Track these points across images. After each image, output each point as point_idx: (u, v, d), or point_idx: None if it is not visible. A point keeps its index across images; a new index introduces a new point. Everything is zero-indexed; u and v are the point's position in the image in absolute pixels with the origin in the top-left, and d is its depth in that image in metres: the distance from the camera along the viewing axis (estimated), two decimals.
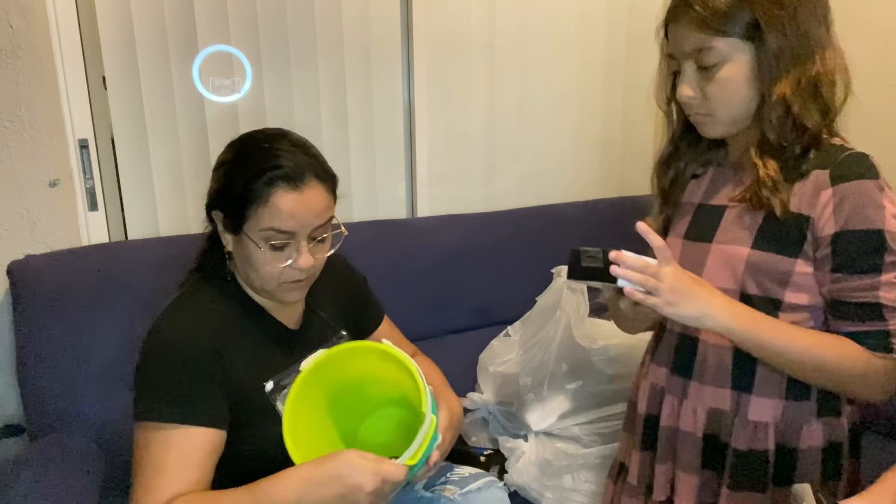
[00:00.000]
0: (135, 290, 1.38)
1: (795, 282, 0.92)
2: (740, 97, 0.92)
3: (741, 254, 0.94)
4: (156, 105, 1.57)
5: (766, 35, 0.87)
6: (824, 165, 0.89)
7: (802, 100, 0.89)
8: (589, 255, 0.89)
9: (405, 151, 1.90)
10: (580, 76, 2.08)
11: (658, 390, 1.06)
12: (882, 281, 0.86)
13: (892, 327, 0.87)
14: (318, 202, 0.96)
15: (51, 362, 1.33)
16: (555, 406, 1.57)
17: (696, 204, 1.04)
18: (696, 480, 1.01)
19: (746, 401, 0.96)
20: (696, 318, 0.87)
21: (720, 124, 0.95)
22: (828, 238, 0.88)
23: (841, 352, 0.89)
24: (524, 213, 1.96)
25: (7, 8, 1.33)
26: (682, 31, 0.91)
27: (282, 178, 0.93)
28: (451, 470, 1.20)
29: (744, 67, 0.90)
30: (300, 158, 0.97)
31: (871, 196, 0.86)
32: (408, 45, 1.83)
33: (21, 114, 1.38)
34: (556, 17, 1.99)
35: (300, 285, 1.01)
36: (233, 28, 1.61)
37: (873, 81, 1.85)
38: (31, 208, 1.43)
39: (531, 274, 1.80)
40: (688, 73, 0.93)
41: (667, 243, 1.03)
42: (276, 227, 0.94)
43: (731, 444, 0.97)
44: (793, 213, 0.90)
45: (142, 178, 1.58)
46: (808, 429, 0.95)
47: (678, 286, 0.85)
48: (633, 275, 0.84)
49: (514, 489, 1.45)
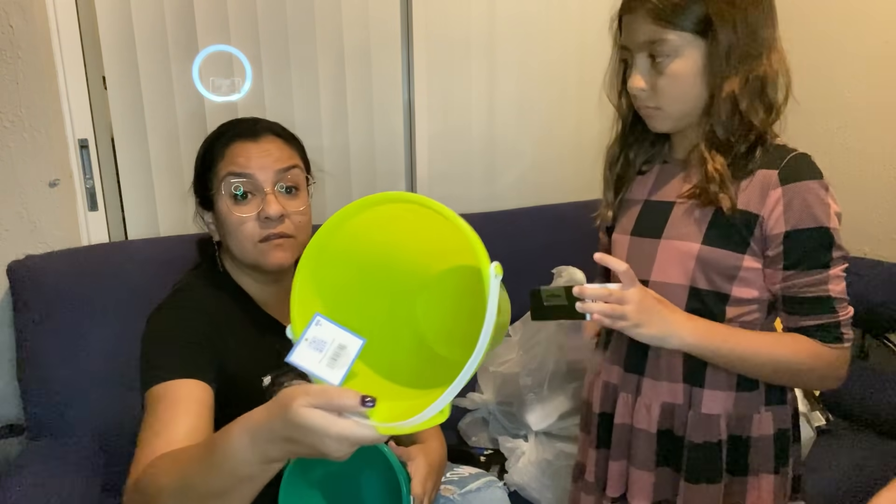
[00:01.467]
0: (135, 290, 1.38)
1: (743, 277, 0.95)
2: (690, 92, 0.93)
3: (691, 249, 0.96)
4: (156, 105, 1.57)
5: (717, 31, 0.89)
6: (771, 165, 0.92)
7: (750, 98, 0.91)
8: (551, 294, 0.91)
9: (405, 151, 1.90)
10: (580, 76, 2.08)
11: (611, 388, 1.07)
12: (831, 275, 0.91)
13: (841, 318, 0.92)
14: (274, 150, 0.98)
15: (51, 362, 1.33)
16: (555, 406, 1.57)
17: (642, 200, 1.05)
18: (650, 477, 1.02)
19: (699, 394, 0.98)
20: (660, 338, 0.90)
21: (669, 118, 0.97)
22: (779, 237, 0.91)
23: (795, 349, 0.93)
24: (524, 213, 1.96)
25: (7, 8, 1.34)
26: (637, 22, 0.93)
27: (237, 135, 0.98)
28: (451, 470, 1.20)
29: (695, 62, 0.91)
30: (257, 122, 1.01)
31: (818, 195, 0.90)
32: (408, 45, 1.83)
33: (21, 114, 1.38)
34: (555, 17, 1.99)
35: (281, 245, 0.97)
36: (233, 28, 1.61)
37: (813, 83, 1.89)
38: (31, 208, 1.43)
39: (531, 274, 1.79)
40: (640, 64, 0.94)
41: (614, 240, 1.08)
42: (233, 170, 0.95)
43: (686, 437, 0.99)
44: (740, 210, 0.92)
45: (142, 178, 1.58)
46: (758, 418, 0.99)
47: (644, 307, 0.88)
48: (599, 307, 0.87)
49: (514, 489, 1.45)
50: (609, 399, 1.07)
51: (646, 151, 1.06)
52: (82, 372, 1.34)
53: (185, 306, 0.96)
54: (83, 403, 1.34)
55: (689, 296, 0.97)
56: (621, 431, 1.04)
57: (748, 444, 0.99)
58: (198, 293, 0.99)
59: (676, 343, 0.91)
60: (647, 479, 1.02)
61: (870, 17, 1.81)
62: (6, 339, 1.42)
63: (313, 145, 1.75)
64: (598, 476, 1.10)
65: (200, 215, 1.04)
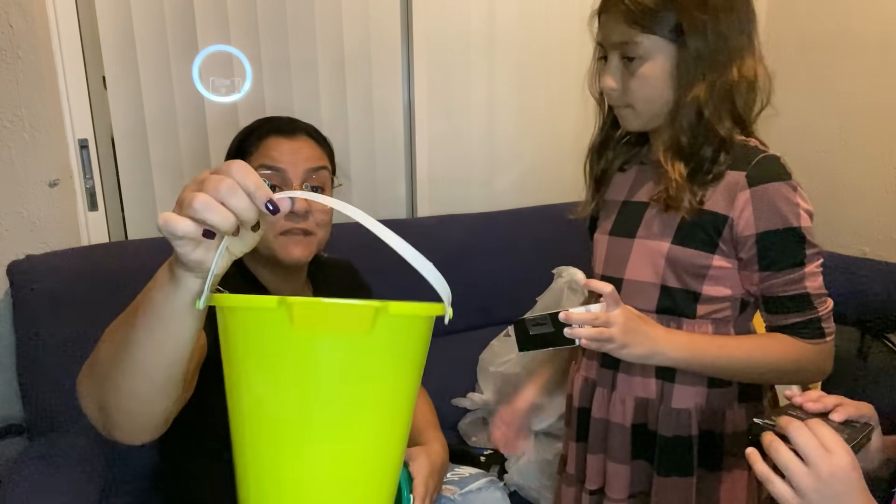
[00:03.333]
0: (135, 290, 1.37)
1: (713, 275, 0.96)
2: (659, 95, 0.94)
3: (661, 249, 0.97)
4: (156, 105, 1.57)
5: (688, 38, 0.90)
6: (738, 167, 0.93)
7: (715, 105, 0.91)
8: (536, 324, 0.91)
9: (405, 151, 1.90)
10: (580, 76, 2.08)
11: (590, 383, 1.09)
12: (807, 272, 0.92)
13: (821, 313, 0.94)
14: (308, 150, 1.01)
15: (51, 362, 1.33)
16: (555, 406, 1.57)
17: (620, 201, 1.07)
18: (626, 470, 1.04)
19: (670, 389, 1.00)
20: (645, 356, 0.91)
21: (639, 118, 0.97)
22: (751, 238, 0.92)
23: (783, 350, 0.95)
24: (524, 213, 1.96)
25: (7, 8, 1.33)
26: (611, 22, 0.94)
27: (273, 130, 1.00)
28: (452, 470, 1.20)
29: (664, 66, 0.92)
30: (294, 121, 1.03)
31: (787, 196, 0.91)
32: (408, 45, 1.83)
33: (21, 114, 1.38)
34: (556, 17, 1.99)
35: (301, 240, 0.98)
36: (233, 28, 1.61)
37: (813, 83, 1.89)
38: (31, 208, 1.43)
39: (531, 274, 1.80)
40: (612, 64, 0.95)
41: (595, 240, 1.10)
42: (265, 163, 0.97)
43: (658, 431, 1.00)
44: (709, 210, 0.94)
45: (142, 178, 1.58)
46: (731, 413, 1.00)
47: (629, 328, 0.89)
48: (587, 331, 0.88)
49: (514, 489, 1.45)
50: (587, 394, 1.09)
51: (625, 152, 1.08)
52: None
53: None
54: None
55: (661, 294, 0.99)
56: (598, 425, 1.06)
57: (722, 440, 1.00)
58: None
59: (661, 360, 0.92)
60: (624, 472, 1.04)
61: (870, 17, 1.81)
62: (6, 339, 1.42)
63: None
64: (577, 468, 1.11)
65: None
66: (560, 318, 0.88)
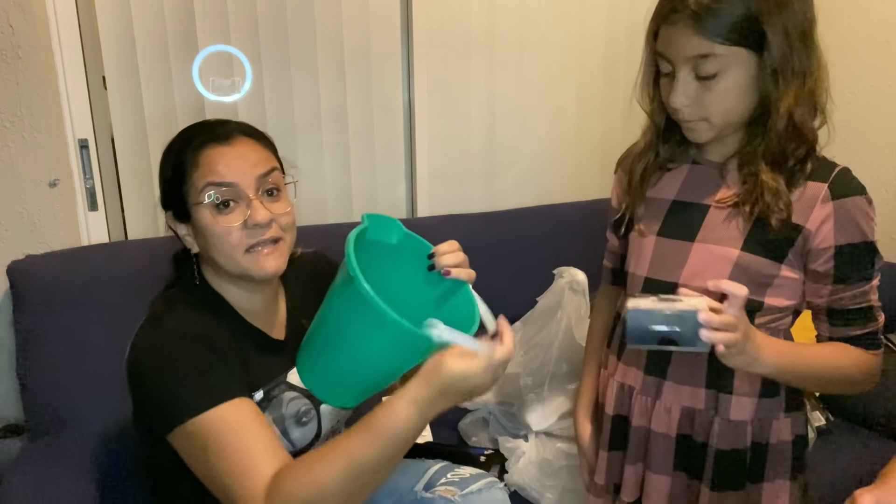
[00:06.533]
0: (135, 290, 1.38)
1: (777, 285, 0.94)
2: (738, 106, 0.90)
3: (730, 255, 0.93)
4: (156, 105, 1.57)
5: (771, 45, 0.85)
6: (819, 178, 0.91)
7: (804, 111, 0.90)
8: (660, 320, 0.80)
9: (405, 151, 1.90)
10: (580, 76, 2.08)
11: (627, 390, 1.05)
12: (873, 286, 0.94)
13: (880, 325, 0.95)
14: (251, 153, 0.93)
15: (51, 362, 1.33)
16: (555, 406, 1.57)
17: (669, 200, 1.01)
18: (667, 481, 1.01)
19: (726, 400, 0.96)
20: (748, 363, 0.86)
21: (713, 129, 0.93)
22: (828, 251, 0.90)
23: (855, 360, 0.94)
24: (524, 213, 1.96)
25: (7, 8, 1.33)
26: (679, 35, 0.87)
27: (208, 139, 0.92)
28: (452, 470, 1.20)
29: (745, 76, 0.87)
30: (226, 123, 0.96)
31: (866, 210, 0.91)
32: (408, 45, 1.83)
33: (21, 114, 1.38)
34: (555, 17, 1.99)
35: (271, 251, 0.93)
36: (233, 28, 1.61)
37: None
38: (31, 208, 1.43)
39: (532, 274, 1.80)
40: (683, 79, 0.89)
41: (632, 240, 1.05)
42: (213, 180, 0.90)
43: (710, 444, 0.97)
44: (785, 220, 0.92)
45: (142, 178, 1.58)
46: (777, 424, 0.98)
47: (747, 334, 0.84)
48: (724, 336, 0.80)
49: (515, 489, 1.45)
50: (624, 401, 1.05)
51: (671, 149, 1.02)
52: (82, 372, 1.34)
53: (178, 330, 0.90)
54: (83, 404, 1.34)
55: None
56: (638, 434, 1.03)
57: (767, 451, 0.98)
58: (179, 311, 0.94)
59: (760, 368, 0.87)
60: (665, 483, 1.01)
61: (870, 17, 1.81)
62: (6, 339, 1.42)
63: (313, 144, 1.76)
64: (609, 478, 1.08)
65: (173, 228, 0.98)
66: (701, 319, 0.79)
